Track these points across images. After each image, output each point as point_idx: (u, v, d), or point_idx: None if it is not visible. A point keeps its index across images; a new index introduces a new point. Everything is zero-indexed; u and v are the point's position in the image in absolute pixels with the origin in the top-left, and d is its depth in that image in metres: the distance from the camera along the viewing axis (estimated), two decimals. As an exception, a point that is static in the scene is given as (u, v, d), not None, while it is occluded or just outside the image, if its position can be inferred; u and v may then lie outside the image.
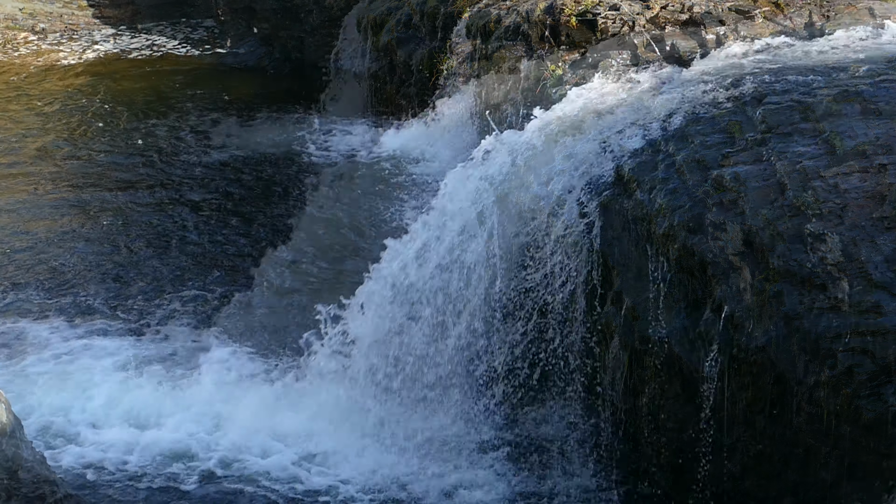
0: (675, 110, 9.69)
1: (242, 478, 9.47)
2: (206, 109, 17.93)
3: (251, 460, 9.64)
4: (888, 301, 6.93)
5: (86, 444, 9.84)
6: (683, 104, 9.76)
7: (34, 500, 7.41)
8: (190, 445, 9.81)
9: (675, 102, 9.86)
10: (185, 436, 9.92)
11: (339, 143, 15.55)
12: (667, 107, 9.81)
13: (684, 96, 9.94)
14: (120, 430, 10.00)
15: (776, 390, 7.26)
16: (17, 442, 7.38)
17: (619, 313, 8.33)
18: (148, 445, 9.79)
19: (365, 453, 9.63)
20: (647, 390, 8.11)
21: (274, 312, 11.49)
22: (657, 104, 9.90)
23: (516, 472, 9.39)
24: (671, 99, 9.95)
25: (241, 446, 9.77)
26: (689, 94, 9.97)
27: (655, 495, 8.61)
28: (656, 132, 9.42)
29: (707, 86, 10.01)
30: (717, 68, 10.42)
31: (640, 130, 9.44)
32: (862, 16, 11.46)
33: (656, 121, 9.51)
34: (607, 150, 9.39)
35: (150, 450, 9.74)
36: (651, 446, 8.46)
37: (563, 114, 10.04)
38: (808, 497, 7.34)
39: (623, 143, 9.38)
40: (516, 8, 11.41)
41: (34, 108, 18.01)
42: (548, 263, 9.05)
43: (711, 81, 10.10)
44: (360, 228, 12.45)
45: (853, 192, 7.65)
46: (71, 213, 14.28)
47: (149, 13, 22.58)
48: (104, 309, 12.05)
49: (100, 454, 9.72)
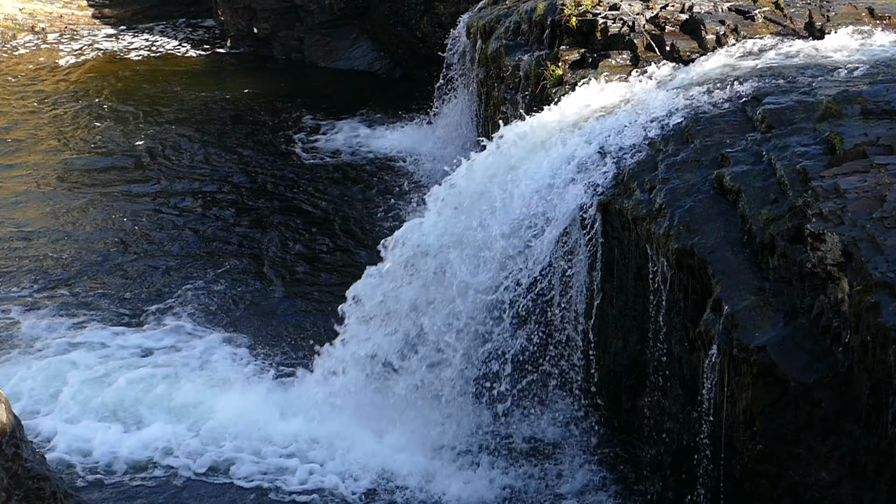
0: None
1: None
2: (206, 108, 17.95)
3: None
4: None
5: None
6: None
7: (34, 499, 7.40)
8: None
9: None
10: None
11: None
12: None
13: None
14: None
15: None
16: (17, 442, 7.37)
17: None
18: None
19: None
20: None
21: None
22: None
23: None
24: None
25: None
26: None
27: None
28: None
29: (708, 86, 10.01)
30: (718, 68, 10.41)
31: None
32: (862, 16, 11.45)
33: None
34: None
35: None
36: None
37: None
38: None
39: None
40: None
41: (34, 108, 18.00)
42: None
43: (711, 81, 10.10)
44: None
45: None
46: (70, 212, 14.28)
47: (149, 13, 22.57)
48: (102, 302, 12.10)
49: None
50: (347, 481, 9.49)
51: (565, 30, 12.06)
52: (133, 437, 9.96)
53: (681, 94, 9.96)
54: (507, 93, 12.83)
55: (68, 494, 7.86)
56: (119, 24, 22.31)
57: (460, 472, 9.53)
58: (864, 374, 6.97)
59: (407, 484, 9.44)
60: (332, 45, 20.04)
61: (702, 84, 10.05)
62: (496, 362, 9.71)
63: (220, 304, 12.13)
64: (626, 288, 9.25)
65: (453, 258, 9.70)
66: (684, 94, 9.91)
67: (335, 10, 19.76)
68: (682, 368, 8.57)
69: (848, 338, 7.10)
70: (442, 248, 9.88)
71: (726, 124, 9.26)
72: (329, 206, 14.52)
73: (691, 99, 9.78)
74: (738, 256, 8.07)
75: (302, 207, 14.49)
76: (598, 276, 9.41)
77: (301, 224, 14.03)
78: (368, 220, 14.13)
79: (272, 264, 13.03)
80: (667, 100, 9.91)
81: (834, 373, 7.20)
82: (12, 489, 7.23)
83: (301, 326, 11.74)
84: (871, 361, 6.87)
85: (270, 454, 9.79)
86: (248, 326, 11.72)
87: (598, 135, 9.75)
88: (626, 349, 9.37)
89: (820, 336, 7.35)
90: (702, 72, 10.39)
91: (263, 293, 12.41)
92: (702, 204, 8.57)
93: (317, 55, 20.09)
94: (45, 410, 10.33)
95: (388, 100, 18.15)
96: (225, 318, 11.86)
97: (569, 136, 9.91)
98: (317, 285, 12.61)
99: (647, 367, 9.04)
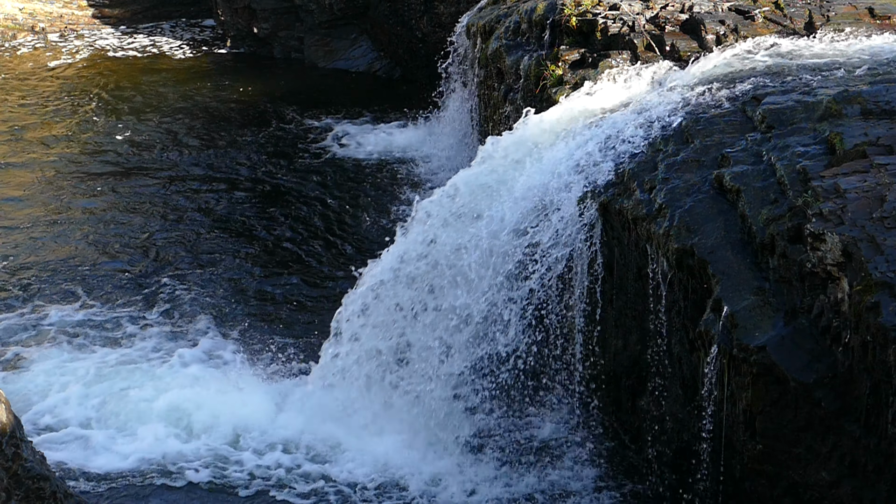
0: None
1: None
2: (206, 108, 17.95)
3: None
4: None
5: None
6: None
7: (34, 499, 7.40)
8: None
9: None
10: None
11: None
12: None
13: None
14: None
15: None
16: (17, 442, 7.37)
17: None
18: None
19: None
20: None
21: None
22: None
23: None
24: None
25: None
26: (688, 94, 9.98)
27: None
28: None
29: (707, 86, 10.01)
30: (717, 68, 10.41)
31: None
32: (862, 16, 11.45)
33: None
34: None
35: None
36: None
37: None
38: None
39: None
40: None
41: (35, 108, 18.00)
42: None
43: (711, 81, 10.10)
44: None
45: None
46: (70, 210, 14.28)
47: (149, 13, 22.58)
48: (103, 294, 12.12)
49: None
50: (351, 482, 9.47)
51: (565, 30, 12.06)
52: (129, 438, 9.95)
53: (681, 94, 9.96)
54: (507, 93, 12.84)
55: (68, 494, 7.85)
56: (119, 23, 22.32)
57: (461, 471, 9.52)
58: (864, 374, 6.97)
59: (409, 484, 9.43)
60: (332, 45, 20.04)
61: (702, 84, 10.04)
62: (496, 362, 9.71)
63: (220, 303, 12.13)
64: (626, 288, 9.25)
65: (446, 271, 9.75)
66: (684, 94, 9.91)
67: (335, 10, 19.76)
68: (682, 368, 8.57)
69: (848, 338, 7.10)
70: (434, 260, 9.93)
71: (726, 124, 9.26)
72: (328, 205, 14.52)
73: (691, 99, 9.78)
74: (738, 256, 8.07)
75: (301, 207, 14.49)
76: (598, 277, 9.41)
77: (299, 224, 14.03)
78: (366, 220, 14.13)
79: (272, 263, 13.04)
80: (667, 100, 9.91)
81: (834, 373, 7.20)
82: (12, 489, 7.23)
83: (299, 327, 11.75)
84: (871, 361, 6.87)
85: (270, 454, 9.79)
86: (248, 326, 11.72)
87: (597, 135, 9.75)
88: (626, 349, 9.37)
89: (820, 336, 7.35)
90: (702, 72, 10.39)
91: (258, 291, 12.43)
92: (702, 204, 8.57)
93: (317, 55, 20.08)
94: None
95: (388, 100, 18.15)
96: (229, 319, 11.85)
97: (569, 136, 9.91)
98: (312, 286, 12.63)
99: (647, 367, 9.04)
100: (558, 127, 10.18)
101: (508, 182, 9.95)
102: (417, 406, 9.91)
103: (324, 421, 10.06)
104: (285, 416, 10.16)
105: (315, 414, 10.14)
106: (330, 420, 10.06)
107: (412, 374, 9.97)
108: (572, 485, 9.35)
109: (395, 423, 9.94)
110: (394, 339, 10.05)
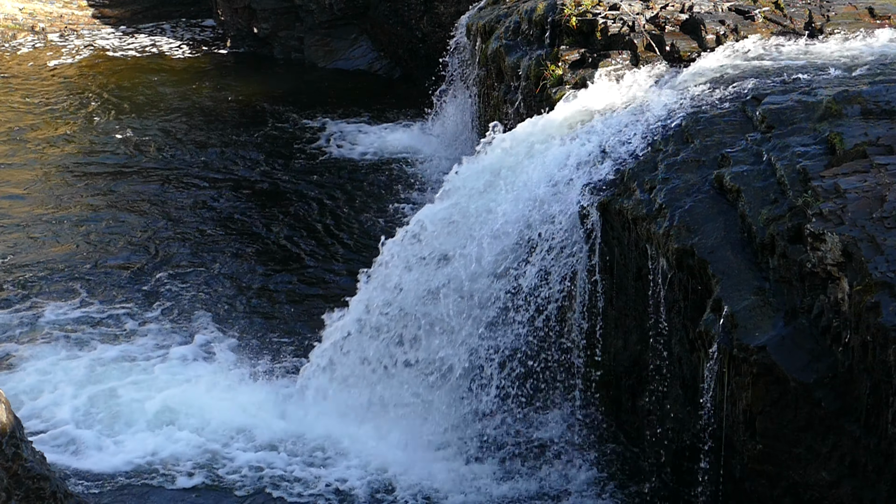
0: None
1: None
2: (206, 108, 17.95)
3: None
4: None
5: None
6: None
7: (34, 499, 7.40)
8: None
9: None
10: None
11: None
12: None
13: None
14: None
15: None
16: (17, 442, 7.36)
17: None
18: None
19: None
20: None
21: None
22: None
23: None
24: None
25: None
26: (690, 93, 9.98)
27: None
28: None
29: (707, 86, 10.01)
30: (717, 68, 10.41)
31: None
32: (862, 16, 11.45)
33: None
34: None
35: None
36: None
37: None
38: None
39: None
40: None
41: (35, 108, 18.00)
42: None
43: (711, 81, 10.09)
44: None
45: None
46: (71, 209, 14.28)
47: (149, 13, 22.57)
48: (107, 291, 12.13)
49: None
50: (347, 481, 9.47)
51: (565, 30, 12.06)
52: (123, 437, 9.93)
53: (681, 93, 9.96)
54: (507, 93, 12.83)
55: (68, 494, 7.85)
56: (119, 23, 22.32)
57: (461, 471, 9.52)
58: (864, 374, 6.97)
59: (407, 483, 9.43)
60: (332, 45, 20.04)
61: (702, 84, 10.04)
62: (496, 362, 9.70)
63: (218, 301, 12.14)
64: (626, 288, 9.25)
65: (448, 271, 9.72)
66: (684, 94, 9.91)
67: (335, 10, 19.76)
68: (682, 368, 8.57)
69: (848, 338, 7.10)
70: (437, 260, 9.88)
71: (726, 124, 9.25)
72: (327, 205, 14.52)
73: (691, 99, 9.78)
74: (738, 256, 8.07)
75: (300, 206, 14.49)
76: (598, 277, 9.41)
77: (298, 222, 14.03)
78: (365, 219, 14.13)
79: (271, 261, 13.04)
80: (667, 100, 9.91)
81: (834, 373, 7.20)
82: (12, 489, 7.23)
83: (296, 325, 11.75)
84: (871, 361, 6.86)
85: (270, 453, 9.78)
86: (247, 326, 11.71)
87: (597, 135, 9.75)
88: (626, 349, 9.37)
89: (820, 336, 7.35)
90: (702, 72, 10.39)
91: (256, 289, 12.43)
92: (702, 204, 8.56)
93: (317, 55, 20.08)
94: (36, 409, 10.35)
95: (388, 100, 18.15)
96: (225, 318, 11.85)
97: (569, 136, 9.91)
98: (310, 284, 12.63)
99: (647, 367, 9.04)
100: (558, 128, 10.18)
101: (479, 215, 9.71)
102: (418, 404, 9.93)
103: (320, 420, 10.07)
104: (286, 414, 10.16)
105: (315, 412, 10.14)
106: (327, 419, 10.06)
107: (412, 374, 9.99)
108: (572, 485, 9.35)
109: (393, 424, 9.94)
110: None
